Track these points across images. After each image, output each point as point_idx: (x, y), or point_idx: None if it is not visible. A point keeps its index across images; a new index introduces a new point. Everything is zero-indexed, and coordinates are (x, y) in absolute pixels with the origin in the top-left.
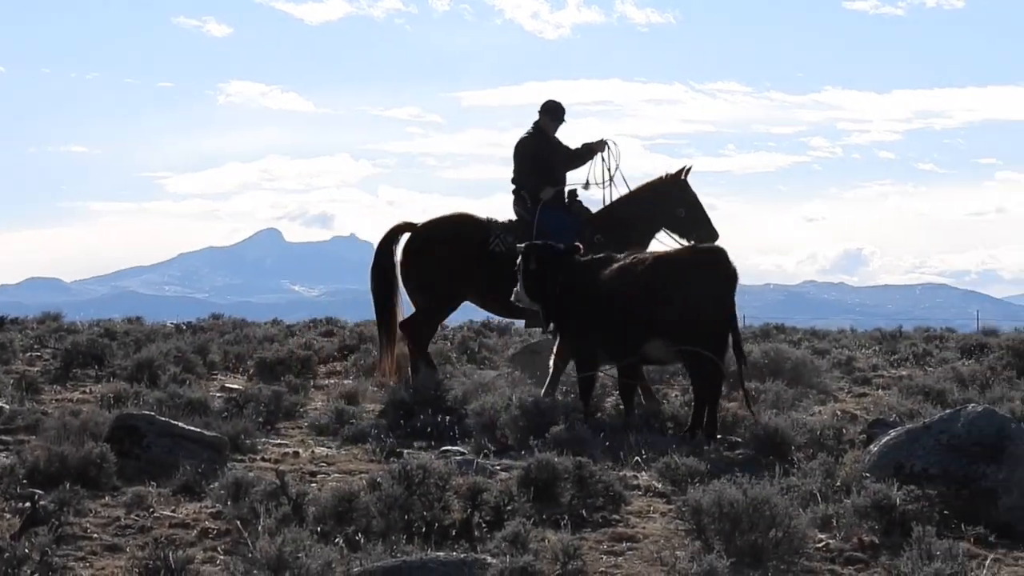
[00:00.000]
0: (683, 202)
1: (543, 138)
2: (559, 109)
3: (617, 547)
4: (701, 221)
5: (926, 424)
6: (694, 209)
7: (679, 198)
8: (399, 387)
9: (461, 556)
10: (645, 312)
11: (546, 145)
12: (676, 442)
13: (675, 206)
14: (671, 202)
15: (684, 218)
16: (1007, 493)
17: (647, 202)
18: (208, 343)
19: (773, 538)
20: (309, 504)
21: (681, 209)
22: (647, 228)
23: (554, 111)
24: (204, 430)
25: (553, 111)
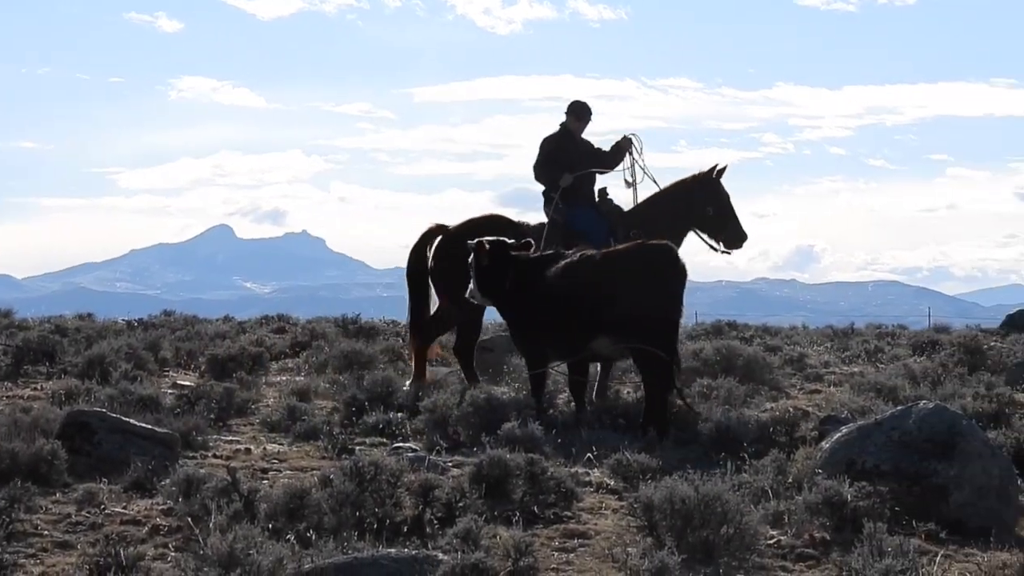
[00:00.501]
0: (712, 201)
1: (568, 137)
2: (585, 109)
3: (569, 544)
4: (729, 221)
5: (878, 421)
6: (723, 208)
7: (709, 197)
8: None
9: (413, 553)
10: (594, 309)
11: (570, 144)
12: (628, 439)
13: (704, 205)
14: (700, 201)
15: (712, 217)
16: (958, 489)
17: (676, 200)
18: (159, 340)
19: (725, 535)
20: (260, 501)
21: (710, 208)
22: (677, 226)
23: (580, 111)
24: (155, 427)
25: (579, 111)
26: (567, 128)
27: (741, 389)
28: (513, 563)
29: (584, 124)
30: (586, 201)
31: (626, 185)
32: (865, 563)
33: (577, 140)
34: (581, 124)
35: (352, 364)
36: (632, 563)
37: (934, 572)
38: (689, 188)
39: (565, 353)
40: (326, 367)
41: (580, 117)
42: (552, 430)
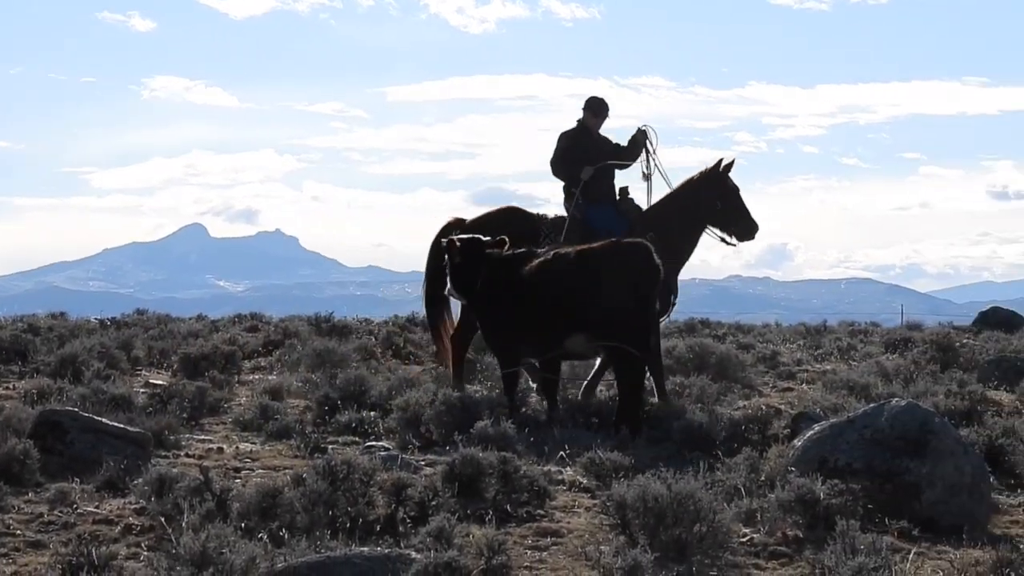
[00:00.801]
0: (720, 195)
1: (584, 133)
2: (602, 105)
3: (542, 542)
4: (739, 213)
5: (850, 418)
6: (731, 201)
7: (716, 192)
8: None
9: (385, 551)
10: (568, 306)
11: (586, 140)
12: (600, 437)
13: (712, 200)
14: (708, 197)
15: (722, 211)
16: (930, 487)
17: (686, 200)
18: (132, 339)
19: (697, 533)
20: (233, 500)
21: (719, 202)
22: (690, 226)
23: (596, 107)
24: (128, 426)
25: (595, 107)
26: (584, 124)
27: (714, 387)
28: (486, 562)
29: (601, 120)
30: (606, 199)
31: (643, 177)
32: (838, 561)
33: (595, 136)
34: (598, 120)
35: (325, 363)
36: (605, 561)
37: (907, 570)
38: (696, 186)
39: (538, 351)
40: (299, 366)
41: (597, 113)
42: (525, 429)
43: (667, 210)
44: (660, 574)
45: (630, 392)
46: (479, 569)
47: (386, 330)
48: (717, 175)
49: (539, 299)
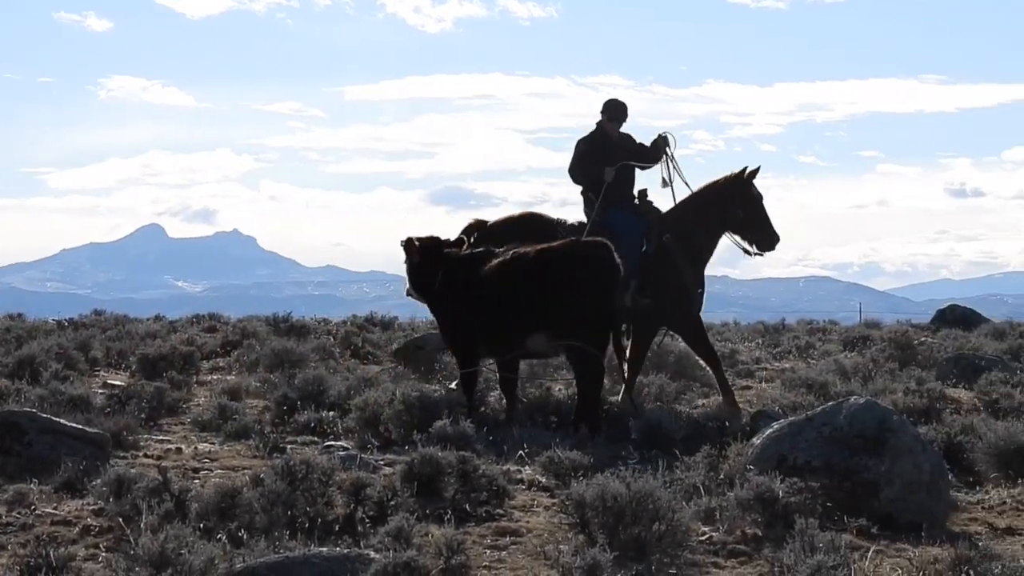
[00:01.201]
0: (742, 203)
1: (602, 137)
2: (618, 107)
3: (501, 541)
4: (760, 223)
5: (808, 416)
6: (754, 210)
7: (739, 199)
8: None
9: (344, 551)
10: (527, 306)
11: (605, 143)
12: (559, 436)
13: (735, 207)
14: (731, 203)
15: (743, 219)
16: (889, 485)
17: (708, 203)
18: (90, 339)
19: (657, 531)
20: (192, 500)
21: (740, 210)
22: (710, 230)
23: (613, 109)
24: (86, 427)
25: (612, 109)
26: (601, 128)
27: (672, 386)
28: (445, 561)
29: (618, 123)
30: (625, 201)
31: (662, 184)
32: (797, 559)
33: (613, 139)
34: (615, 123)
35: (283, 363)
36: (564, 561)
37: (866, 568)
38: (719, 190)
39: (498, 351)
40: (257, 366)
41: (613, 116)
42: (484, 428)
43: (687, 213)
44: (619, 573)
45: (589, 391)
46: (438, 569)
47: (344, 330)
48: (740, 182)
49: (499, 299)
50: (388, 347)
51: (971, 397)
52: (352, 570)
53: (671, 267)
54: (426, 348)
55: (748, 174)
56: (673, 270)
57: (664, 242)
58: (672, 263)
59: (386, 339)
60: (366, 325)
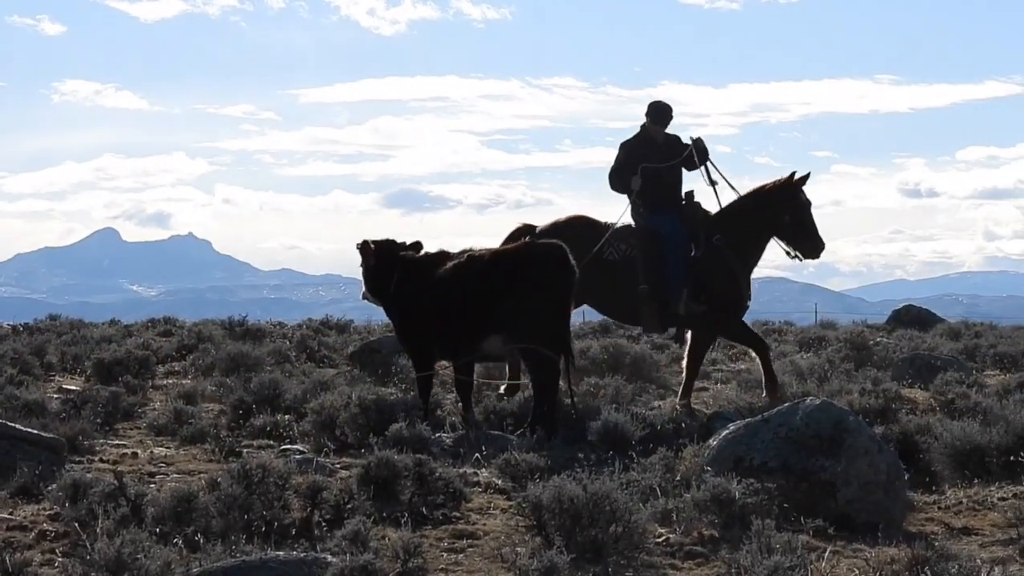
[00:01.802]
0: (789, 208)
1: (644, 141)
2: (662, 110)
3: (458, 544)
4: (806, 229)
5: (765, 418)
6: (800, 216)
7: (786, 204)
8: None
9: (301, 555)
10: (483, 309)
11: (646, 148)
12: (516, 438)
13: (781, 212)
14: (777, 207)
15: (788, 224)
16: (845, 485)
17: (756, 207)
18: (45, 344)
19: (613, 533)
20: (148, 505)
21: (786, 215)
22: (757, 233)
23: (656, 112)
24: (41, 431)
25: (654, 112)
26: (645, 130)
27: (629, 387)
28: (402, 564)
29: (663, 125)
30: (670, 205)
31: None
32: (754, 560)
33: (658, 141)
34: (659, 126)
35: (239, 366)
36: (521, 563)
37: (822, 568)
38: (767, 196)
39: (453, 354)
40: (213, 370)
41: (657, 119)
42: (440, 431)
43: (734, 215)
44: (576, 575)
45: (545, 393)
46: (395, 572)
47: (300, 333)
48: (789, 188)
49: (454, 301)
50: (344, 350)
51: (927, 397)
52: (309, 574)
53: (723, 270)
54: (382, 351)
55: (797, 180)
56: (726, 273)
57: (714, 245)
58: (724, 266)
59: (342, 342)
60: (321, 328)
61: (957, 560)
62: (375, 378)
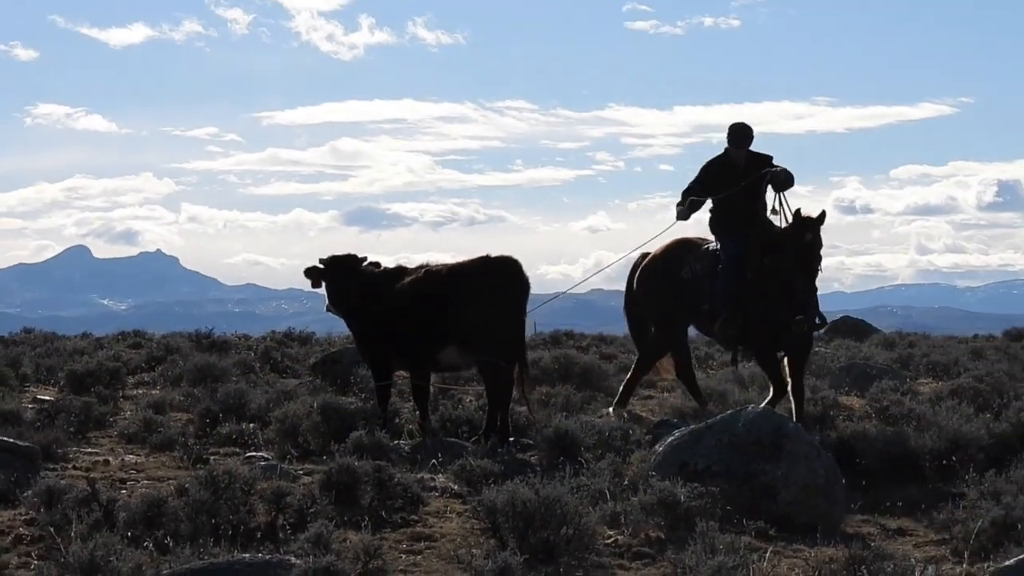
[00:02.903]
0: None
1: (723, 163)
2: (739, 132)
3: (416, 546)
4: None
5: (708, 424)
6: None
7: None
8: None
9: (266, 557)
10: (440, 321)
11: (724, 170)
12: (471, 445)
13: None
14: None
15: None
16: (785, 488)
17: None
18: (20, 356)
19: (564, 535)
20: (120, 510)
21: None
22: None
23: (734, 134)
24: (17, 440)
25: (734, 135)
26: (727, 154)
27: (578, 396)
28: (363, 566)
29: (743, 147)
30: (740, 225)
31: (770, 212)
32: (698, 560)
33: (737, 165)
34: (740, 148)
35: (206, 377)
36: (476, 564)
37: (764, 568)
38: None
39: (412, 364)
40: (181, 380)
41: (733, 141)
42: (398, 438)
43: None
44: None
45: (499, 402)
46: (356, 573)
47: (264, 345)
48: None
49: (412, 314)
50: (306, 361)
51: (863, 404)
52: (274, 575)
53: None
54: (342, 362)
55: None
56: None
57: (764, 265)
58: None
59: (304, 354)
60: (285, 340)
61: (892, 559)
62: (336, 387)
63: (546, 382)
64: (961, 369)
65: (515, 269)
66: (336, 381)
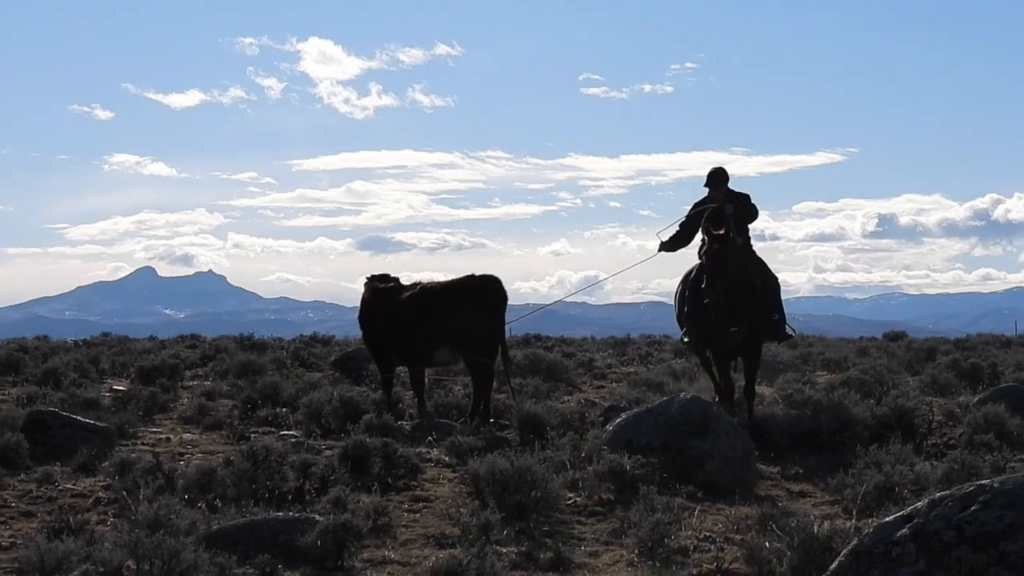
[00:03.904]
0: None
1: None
2: (714, 175)
3: (416, 506)
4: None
5: (648, 408)
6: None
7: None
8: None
9: (296, 515)
10: (435, 326)
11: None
12: (459, 425)
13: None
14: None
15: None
16: (710, 459)
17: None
18: (99, 355)
19: (534, 497)
20: (178, 478)
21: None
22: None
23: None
24: (96, 422)
25: (710, 177)
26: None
27: (545, 386)
28: (373, 522)
29: (717, 188)
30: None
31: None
32: (641, 517)
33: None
34: (715, 189)
35: (247, 371)
36: (464, 520)
37: (693, 523)
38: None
39: (411, 360)
40: (227, 374)
41: (710, 183)
42: (401, 420)
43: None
44: (505, 530)
45: (482, 391)
46: (368, 527)
47: (294, 346)
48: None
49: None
50: (328, 359)
51: (772, 392)
52: (301, 529)
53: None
54: (356, 359)
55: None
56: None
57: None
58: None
59: (326, 353)
60: (311, 342)
61: (795, 516)
62: (351, 380)
63: (519, 375)
64: (850, 364)
65: (495, 285)
66: (352, 375)
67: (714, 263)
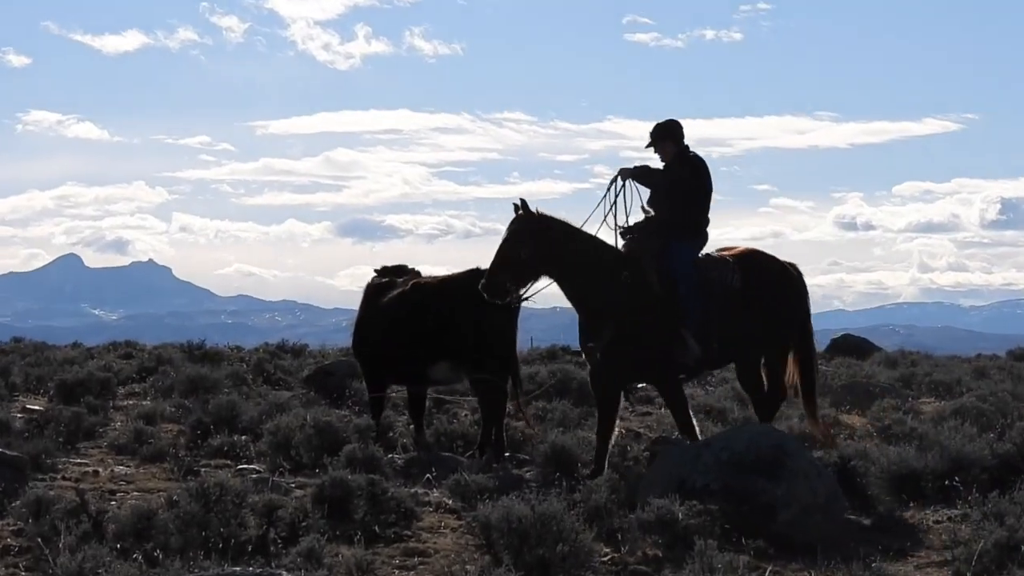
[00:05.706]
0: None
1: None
2: (659, 130)
3: (409, 562)
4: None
5: (707, 441)
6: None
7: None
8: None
9: (257, 571)
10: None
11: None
12: (465, 460)
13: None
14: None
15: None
16: (785, 507)
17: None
18: (9, 366)
19: (560, 552)
20: (109, 521)
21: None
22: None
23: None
24: (5, 450)
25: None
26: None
27: (575, 411)
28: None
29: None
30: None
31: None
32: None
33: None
34: (663, 152)
35: (197, 389)
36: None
37: None
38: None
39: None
40: (172, 391)
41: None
42: (392, 452)
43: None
44: None
45: (493, 417)
46: None
47: (257, 357)
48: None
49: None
50: (299, 374)
51: (864, 423)
52: None
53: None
54: (336, 374)
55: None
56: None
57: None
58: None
59: (297, 366)
60: (278, 352)
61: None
62: (329, 400)
63: (543, 397)
64: (964, 389)
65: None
66: (330, 394)
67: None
